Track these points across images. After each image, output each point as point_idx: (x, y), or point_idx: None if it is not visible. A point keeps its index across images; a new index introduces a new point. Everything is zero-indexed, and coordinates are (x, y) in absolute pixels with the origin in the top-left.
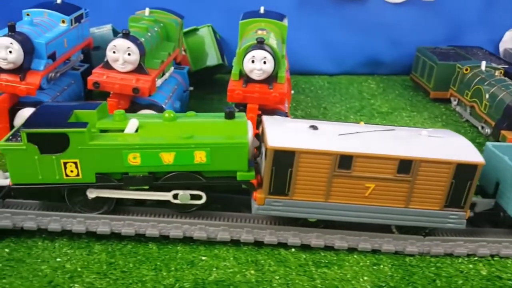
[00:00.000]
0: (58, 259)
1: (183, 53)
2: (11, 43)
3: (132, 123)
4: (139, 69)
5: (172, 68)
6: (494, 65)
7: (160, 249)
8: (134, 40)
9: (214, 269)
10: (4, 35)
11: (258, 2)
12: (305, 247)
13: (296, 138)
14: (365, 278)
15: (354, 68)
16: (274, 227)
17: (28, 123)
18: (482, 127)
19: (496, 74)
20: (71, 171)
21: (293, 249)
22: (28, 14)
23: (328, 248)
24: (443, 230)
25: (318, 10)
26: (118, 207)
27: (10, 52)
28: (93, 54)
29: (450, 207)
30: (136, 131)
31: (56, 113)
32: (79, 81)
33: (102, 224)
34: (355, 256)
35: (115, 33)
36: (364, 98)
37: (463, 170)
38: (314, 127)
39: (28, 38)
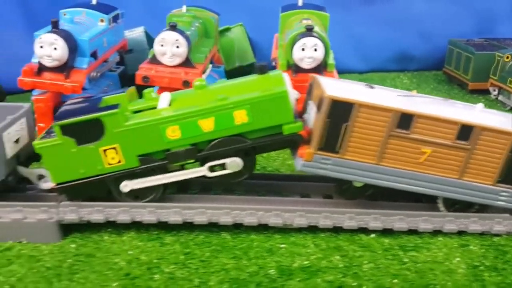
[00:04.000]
0: (130, 252)
1: (218, 53)
2: (55, 39)
3: (164, 97)
4: (187, 63)
5: (210, 65)
6: None
7: (234, 238)
8: (181, 32)
9: (297, 256)
10: (48, 32)
11: (283, 1)
12: (385, 232)
13: (354, 92)
14: (457, 259)
15: (384, 65)
16: (353, 211)
17: (58, 117)
18: None
19: None
20: (113, 158)
21: (373, 235)
22: (65, 14)
23: (410, 232)
24: None
25: (346, 6)
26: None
27: (55, 49)
28: (126, 57)
29: (503, 183)
30: (169, 105)
31: (85, 103)
32: (117, 83)
33: (173, 213)
34: (440, 239)
35: (148, 36)
36: None
37: None
38: (371, 86)
39: (72, 35)
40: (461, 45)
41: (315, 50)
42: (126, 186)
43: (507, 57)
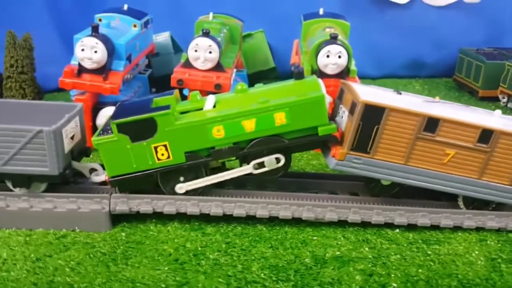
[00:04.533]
0: (176, 240)
1: (240, 58)
2: (96, 43)
3: (210, 99)
4: (218, 67)
5: (235, 70)
6: None
7: (269, 230)
8: (214, 38)
9: (329, 247)
10: (89, 36)
11: (300, 9)
12: (409, 227)
13: (385, 97)
14: (476, 252)
15: (396, 71)
16: (381, 207)
17: (115, 116)
18: None
19: None
20: (162, 154)
21: (397, 230)
22: (100, 20)
23: (432, 228)
24: None
25: (362, 14)
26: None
27: (96, 52)
28: (153, 61)
29: None
30: (214, 106)
31: (138, 104)
32: (146, 84)
33: (214, 206)
34: (460, 234)
35: (173, 40)
36: None
37: None
38: (399, 92)
39: (110, 39)
40: (472, 54)
41: (339, 57)
42: (181, 188)
43: None
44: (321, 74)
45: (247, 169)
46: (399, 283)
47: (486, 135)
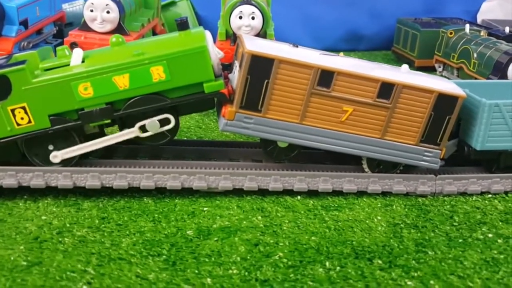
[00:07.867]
0: (43, 217)
1: (162, 27)
2: None
3: (76, 54)
4: (120, 29)
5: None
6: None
7: (157, 203)
8: None
9: (218, 217)
10: None
11: None
12: (311, 194)
13: (276, 49)
14: (379, 218)
15: (334, 44)
16: (278, 173)
17: None
18: None
19: (482, 34)
20: (22, 118)
21: (299, 197)
22: None
23: (336, 194)
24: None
25: None
26: (88, 160)
27: None
28: (66, 31)
29: (426, 142)
30: (83, 62)
31: None
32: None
33: (91, 177)
34: (365, 199)
35: None
36: None
37: (444, 102)
38: (295, 45)
39: None
40: (408, 23)
41: (253, 18)
42: (56, 157)
43: (451, 33)
44: (236, 38)
45: (132, 132)
46: (286, 252)
47: (386, 89)
